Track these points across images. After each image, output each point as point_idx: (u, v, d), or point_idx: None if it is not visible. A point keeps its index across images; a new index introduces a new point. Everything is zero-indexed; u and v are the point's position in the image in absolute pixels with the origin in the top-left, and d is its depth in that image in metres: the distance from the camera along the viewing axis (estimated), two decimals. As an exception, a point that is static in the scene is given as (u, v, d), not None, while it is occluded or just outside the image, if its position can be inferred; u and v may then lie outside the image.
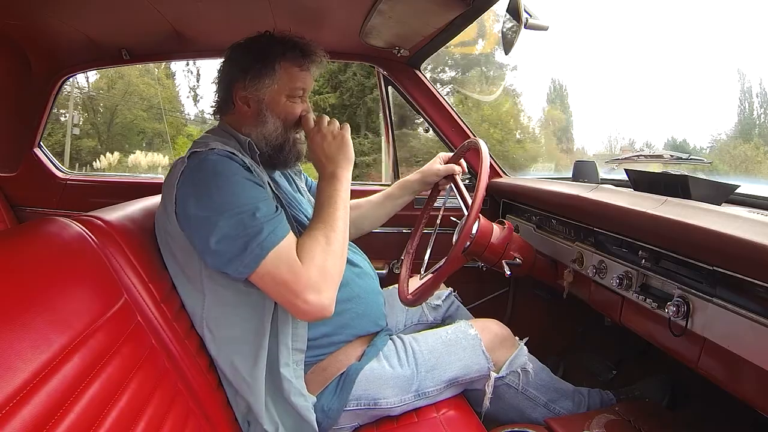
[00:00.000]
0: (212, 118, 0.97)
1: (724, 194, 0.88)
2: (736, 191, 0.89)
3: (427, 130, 1.53)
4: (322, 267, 0.75)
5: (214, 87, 0.95)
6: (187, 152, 0.81)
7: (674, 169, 1.02)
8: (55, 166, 1.59)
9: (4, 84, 1.40)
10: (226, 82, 0.91)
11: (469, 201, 1.04)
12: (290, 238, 0.76)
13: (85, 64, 1.49)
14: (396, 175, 1.59)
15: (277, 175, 0.98)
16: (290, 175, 1.05)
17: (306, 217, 0.94)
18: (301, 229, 0.89)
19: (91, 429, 0.54)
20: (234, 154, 0.80)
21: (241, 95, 0.89)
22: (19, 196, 1.56)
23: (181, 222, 0.77)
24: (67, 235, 0.70)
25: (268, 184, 0.83)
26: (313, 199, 1.08)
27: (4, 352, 0.49)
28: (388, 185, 1.56)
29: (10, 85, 1.41)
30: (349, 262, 0.94)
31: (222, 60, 0.93)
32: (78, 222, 0.74)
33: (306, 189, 1.10)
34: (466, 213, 1.03)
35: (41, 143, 1.57)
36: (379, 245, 1.47)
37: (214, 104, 0.95)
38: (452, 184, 1.13)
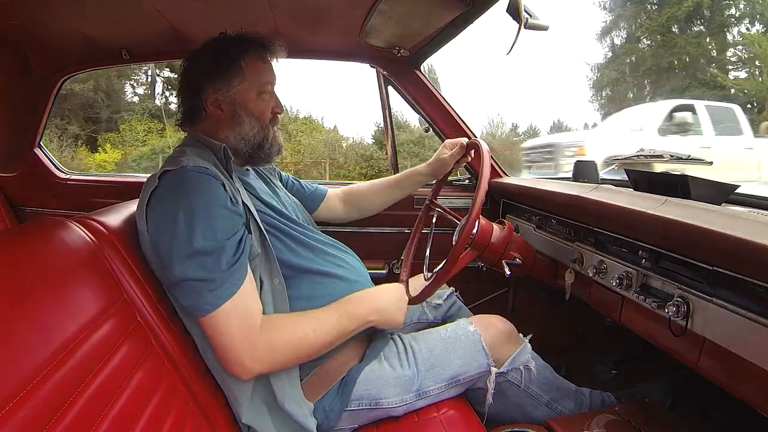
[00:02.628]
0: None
1: (724, 194, 0.88)
2: (736, 191, 0.89)
3: (427, 130, 1.53)
4: (275, 342, 0.75)
5: (179, 99, 0.93)
6: (159, 170, 0.79)
7: (674, 169, 1.02)
8: (55, 166, 1.60)
9: (4, 84, 1.40)
10: (193, 90, 0.90)
11: (457, 222, 1.04)
12: (245, 286, 0.75)
13: (85, 64, 1.49)
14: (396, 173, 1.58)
15: (252, 177, 0.97)
16: (265, 174, 1.05)
17: (285, 213, 0.94)
18: (280, 225, 0.89)
19: (91, 428, 0.54)
20: (208, 168, 0.78)
21: (212, 99, 0.88)
22: (19, 196, 1.56)
23: (152, 241, 0.76)
24: (66, 236, 0.70)
25: (242, 202, 0.81)
26: (291, 196, 1.08)
27: (4, 352, 0.49)
28: None
29: (10, 85, 1.41)
30: (340, 261, 0.94)
31: (186, 60, 0.92)
32: (77, 222, 0.74)
33: (282, 185, 1.10)
34: (460, 221, 1.03)
35: (41, 143, 1.57)
36: (379, 245, 1.47)
37: (181, 116, 0.93)
38: (438, 210, 1.13)
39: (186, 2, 1.09)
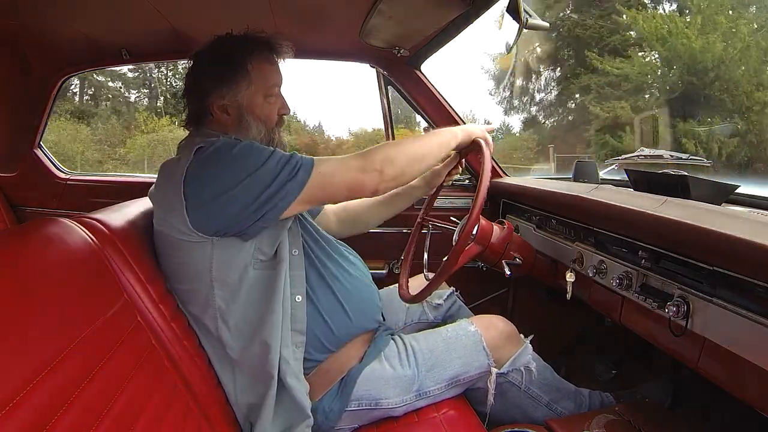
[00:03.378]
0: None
1: (724, 194, 0.88)
2: (736, 191, 0.89)
3: (427, 130, 1.53)
4: (382, 149, 0.83)
5: (184, 100, 0.92)
6: (191, 150, 0.78)
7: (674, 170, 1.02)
8: (55, 166, 1.60)
9: (4, 84, 1.40)
10: (199, 94, 0.88)
11: (453, 230, 1.03)
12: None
13: (85, 64, 1.49)
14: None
15: None
16: None
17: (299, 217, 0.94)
18: (300, 232, 0.90)
19: (91, 428, 0.54)
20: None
21: (218, 105, 0.87)
22: (19, 196, 1.56)
23: (200, 210, 0.75)
24: (66, 236, 0.70)
25: None
26: None
27: (3, 352, 0.49)
28: None
29: (10, 85, 1.41)
30: (342, 260, 0.95)
31: (192, 62, 0.90)
32: (77, 222, 0.74)
33: None
34: (460, 222, 1.03)
35: (41, 143, 1.57)
36: (379, 245, 1.47)
37: (186, 116, 0.92)
38: (431, 223, 1.12)
39: (186, 2, 1.09)
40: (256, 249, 0.81)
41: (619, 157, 1.29)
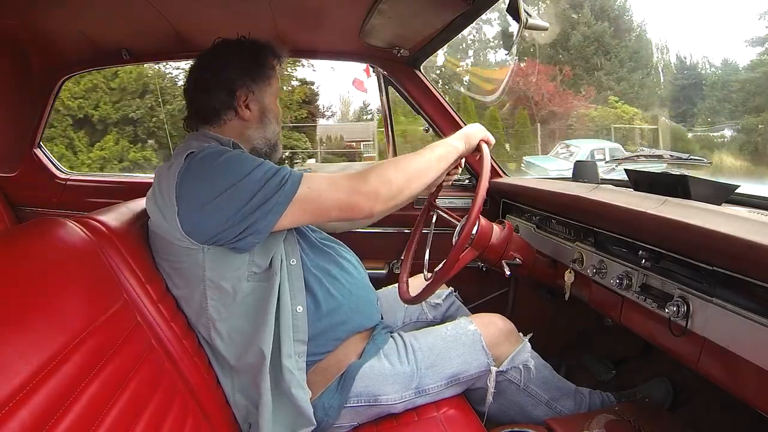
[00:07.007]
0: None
1: (724, 194, 0.88)
2: (736, 191, 0.89)
3: (427, 130, 1.53)
4: (378, 169, 0.81)
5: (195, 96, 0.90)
6: (182, 155, 0.78)
7: (674, 169, 1.02)
8: (55, 166, 1.59)
9: (4, 84, 1.40)
10: (227, 86, 0.87)
11: (457, 223, 1.03)
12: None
13: (85, 64, 1.49)
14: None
15: None
16: None
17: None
18: (296, 238, 0.90)
19: (91, 428, 0.54)
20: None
21: (243, 99, 0.88)
22: (19, 196, 1.56)
23: (190, 217, 0.75)
24: (66, 236, 0.70)
25: None
26: None
27: (3, 352, 0.49)
28: None
29: (10, 85, 1.41)
30: (339, 259, 0.95)
31: (212, 59, 0.89)
32: (77, 222, 0.74)
33: None
34: (459, 222, 1.03)
35: (41, 143, 1.57)
36: (379, 245, 1.47)
37: (195, 114, 0.90)
38: (437, 211, 1.12)
39: (186, 2, 1.09)
40: (250, 261, 0.81)
41: (620, 157, 1.29)
